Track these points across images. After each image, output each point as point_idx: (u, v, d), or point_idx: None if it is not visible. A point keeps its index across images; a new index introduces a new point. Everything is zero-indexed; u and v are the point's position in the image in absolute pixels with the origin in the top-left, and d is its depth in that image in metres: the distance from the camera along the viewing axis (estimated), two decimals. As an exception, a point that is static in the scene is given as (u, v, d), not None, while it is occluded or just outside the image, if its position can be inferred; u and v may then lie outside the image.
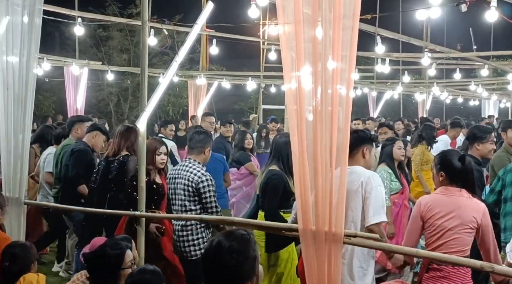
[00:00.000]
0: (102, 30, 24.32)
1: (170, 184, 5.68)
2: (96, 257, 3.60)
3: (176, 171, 5.68)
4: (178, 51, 5.63)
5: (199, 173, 5.50)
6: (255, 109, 24.66)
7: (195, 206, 5.47)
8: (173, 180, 5.66)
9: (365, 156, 4.57)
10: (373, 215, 4.24)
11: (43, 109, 23.65)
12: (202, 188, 5.43)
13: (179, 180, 5.57)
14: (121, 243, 3.69)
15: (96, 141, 6.91)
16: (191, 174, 5.51)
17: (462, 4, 6.67)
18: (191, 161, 5.66)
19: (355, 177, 4.33)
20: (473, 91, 19.09)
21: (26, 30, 5.32)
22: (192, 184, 5.46)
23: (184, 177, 5.54)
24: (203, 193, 5.43)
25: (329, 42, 3.50)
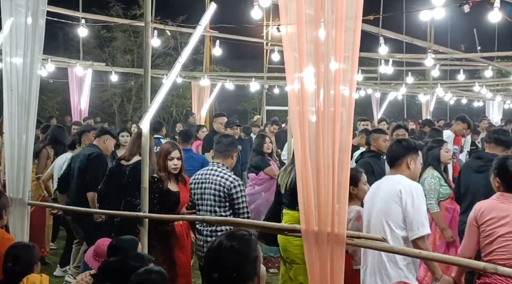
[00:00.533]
0: (106, 31, 24.34)
1: (196, 189, 5.47)
2: (117, 267, 3.55)
3: (202, 176, 5.48)
4: (181, 52, 5.64)
5: (231, 178, 5.35)
6: (258, 110, 24.65)
7: (225, 212, 5.31)
8: (200, 185, 5.45)
9: (410, 166, 4.47)
10: (418, 228, 4.18)
11: (47, 110, 23.68)
12: (235, 193, 5.28)
13: (208, 185, 5.38)
14: (144, 257, 3.64)
15: (107, 145, 6.83)
16: (223, 179, 5.33)
17: (465, 4, 6.66)
18: (219, 166, 5.47)
19: (394, 185, 4.32)
20: (477, 92, 19.02)
21: (29, 31, 5.34)
22: (224, 189, 5.28)
23: (214, 182, 5.35)
24: (235, 198, 5.28)
25: (332, 43, 3.50)
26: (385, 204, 4.31)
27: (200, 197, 5.41)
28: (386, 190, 4.38)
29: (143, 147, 5.21)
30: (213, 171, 5.43)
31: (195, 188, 5.46)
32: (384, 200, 4.34)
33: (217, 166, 5.46)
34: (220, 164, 5.48)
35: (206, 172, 5.47)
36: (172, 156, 5.44)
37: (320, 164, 3.54)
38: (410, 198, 4.21)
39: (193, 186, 5.49)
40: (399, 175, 4.42)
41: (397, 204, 4.24)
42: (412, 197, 4.22)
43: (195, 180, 5.50)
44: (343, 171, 3.54)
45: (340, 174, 3.53)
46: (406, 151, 4.50)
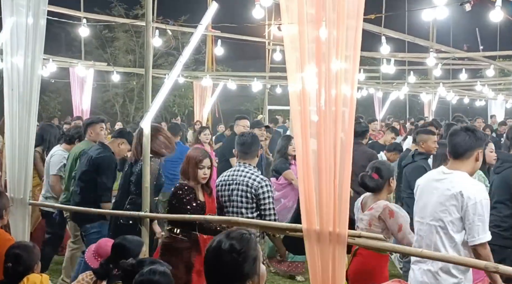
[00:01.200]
0: (108, 31, 24.41)
1: (223, 191, 5.28)
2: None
3: (229, 177, 5.29)
4: (182, 52, 5.64)
5: (258, 178, 5.17)
6: (260, 110, 24.67)
7: (252, 214, 5.12)
8: (227, 186, 5.26)
9: (478, 159, 4.12)
10: (478, 234, 3.89)
11: (49, 110, 23.76)
12: (262, 193, 5.09)
13: (235, 186, 5.19)
14: (159, 263, 3.55)
15: (120, 150, 6.43)
16: (250, 179, 5.15)
17: (466, 3, 6.64)
18: (246, 166, 5.29)
19: (454, 184, 3.98)
20: (479, 91, 19.01)
21: (30, 31, 5.34)
22: (251, 189, 5.11)
23: (242, 183, 5.17)
24: (262, 199, 5.09)
25: (333, 43, 3.49)
26: (442, 203, 4.00)
27: (228, 198, 5.23)
28: (445, 187, 4.02)
29: (144, 147, 5.21)
30: (240, 172, 5.25)
31: (223, 189, 5.28)
32: (441, 198, 4.02)
33: (243, 167, 5.28)
34: (247, 164, 5.30)
35: (233, 173, 5.30)
36: (203, 164, 5.09)
37: (322, 163, 3.54)
38: (473, 200, 3.89)
39: (220, 187, 5.31)
40: (460, 171, 4.05)
41: (456, 205, 3.93)
42: (475, 199, 3.89)
43: (222, 182, 5.32)
44: (344, 171, 3.53)
45: (341, 173, 3.53)
46: (479, 142, 4.09)
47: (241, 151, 5.37)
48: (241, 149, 5.37)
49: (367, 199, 5.02)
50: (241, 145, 5.38)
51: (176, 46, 13.88)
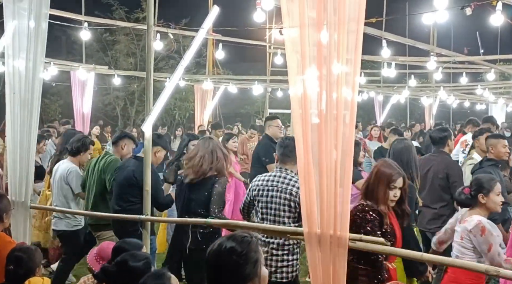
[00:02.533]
0: (109, 34, 24.40)
1: (261, 197, 4.90)
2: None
3: (268, 182, 4.91)
4: (184, 55, 5.65)
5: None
6: (261, 113, 24.66)
7: (294, 223, 4.76)
8: (265, 192, 4.90)
9: None
10: None
11: (50, 113, 23.74)
12: None
13: (275, 193, 4.84)
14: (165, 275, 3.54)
15: (157, 158, 6.08)
16: (294, 188, 4.76)
17: (467, 7, 6.65)
18: (287, 172, 4.92)
19: None
20: (479, 95, 19.00)
21: (32, 34, 5.36)
22: (294, 198, 4.73)
23: (284, 191, 4.81)
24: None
25: (334, 46, 3.51)
26: None
27: (266, 205, 4.87)
28: None
29: (145, 150, 5.21)
30: (281, 178, 4.88)
31: (260, 195, 4.91)
32: None
33: (285, 173, 4.91)
34: (289, 170, 4.92)
35: (272, 178, 4.92)
36: (395, 185, 4.36)
37: (323, 166, 3.55)
38: None
39: (257, 193, 4.96)
40: None
41: None
42: None
43: (259, 187, 4.96)
44: (345, 174, 3.54)
45: (342, 176, 3.53)
46: None
47: (282, 155, 4.99)
48: (283, 152, 4.98)
49: (464, 213, 4.81)
50: (282, 147, 5.00)
51: (177, 49, 13.88)
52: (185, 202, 5.38)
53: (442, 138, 6.62)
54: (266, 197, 4.87)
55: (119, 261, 3.53)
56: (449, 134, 6.68)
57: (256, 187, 4.98)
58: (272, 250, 4.76)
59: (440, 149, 6.60)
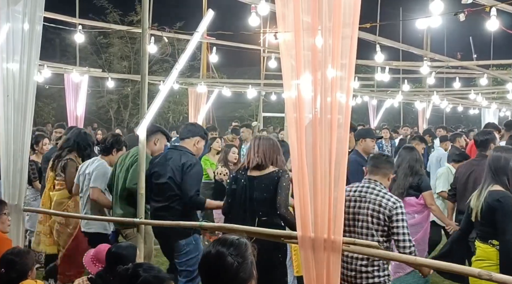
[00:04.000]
0: (103, 37, 24.41)
1: (347, 208, 4.56)
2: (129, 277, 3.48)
3: (356, 193, 4.65)
4: (178, 59, 5.65)
5: (393, 198, 4.51)
6: (255, 117, 24.70)
7: (382, 237, 4.48)
8: (353, 203, 4.62)
9: None
10: None
11: (43, 116, 23.70)
12: (395, 215, 4.40)
13: (364, 204, 4.56)
14: (154, 267, 3.53)
15: (198, 149, 5.82)
16: (383, 199, 4.50)
17: (460, 13, 6.68)
18: (376, 183, 4.67)
19: None
20: (473, 100, 19.10)
21: (26, 37, 5.35)
22: (385, 210, 4.45)
23: (373, 202, 4.53)
24: (395, 221, 4.41)
25: (329, 51, 3.52)
26: None
27: (353, 217, 4.59)
28: None
29: (140, 153, 5.21)
30: (370, 189, 4.63)
31: (346, 206, 4.51)
32: None
33: (374, 184, 4.67)
34: (378, 182, 4.68)
35: (360, 189, 4.66)
36: None
37: (317, 170, 3.55)
38: None
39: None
40: None
41: None
42: None
43: (345, 197, 4.46)
44: (339, 178, 3.54)
45: (336, 180, 3.54)
46: None
47: (372, 166, 4.79)
48: (373, 163, 4.81)
49: None
50: (375, 158, 4.88)
51: (171, 52, 13.86)
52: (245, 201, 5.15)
53: (484, 141, 6.42)
54: (353, 208, 4.59)
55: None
56: (491, 137, 6.46)
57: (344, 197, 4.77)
58: (361, 267, 4.49)
59: (482, 153, 6.35)
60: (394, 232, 4.41)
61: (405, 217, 4.44)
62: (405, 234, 4.38)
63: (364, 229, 4.50)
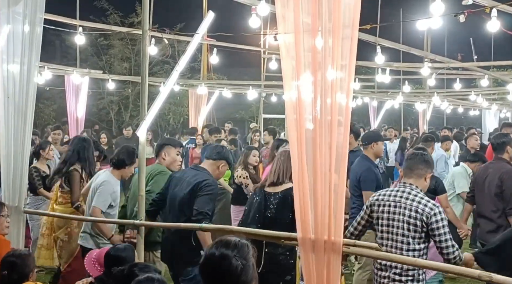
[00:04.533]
0: (103, 39, 24.39)
1: (381, 213, 4.44)
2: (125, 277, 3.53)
3: (390, 197, 4.45)
4: (178, 60, 5.65)
5: (430, 203, 4.31)
6: (255, 118, 24.69)
7: (419, 244, 4.30)
8: (386, 208, 4.43)
9: None
10: None
11: (43, 117, 23.68)
12: (435, 222, 4.21)
13: (398, 210, 4.35)
14: (150, 266, 3.63)
15: (219, 173, 5.53)
16: (420, 204, 4.29)
17: (460, 14, 6.68)
18: (412, 187, 4.44)
19: None
20: (473, 101, 19.10)
21: (27, 39, 5.34)
22: (422, 217, 4.25)
23: (408, 207, 4.32)
24: (436, 228, 4.21)
25: (329, 52, 3.52)
26: None
27: (387, 223, 4.40)
28: None
29: (140, 155, 5.21)
30: (405, 194, 4.40)
31: (380, 211, 4.44)
32: None
33: (409, 188, 4.43)
34: (414, 186, 4.45)
35: (395, 193, 4.45)
36: None
37: (317, 172, 3.55)
38: None
39: (377, 208, 4.48)
40: None
41: None
42: None
43: (379, 201, 4.49)
44: (339, 179, 3.54)
45: (337, 181, 3.54)
46: None
47: (406, 168, 4.58)
48: (407, 164, 4.60)
49: None
50: (409, 159, 4.64)
51: (171, 54, 13.89)
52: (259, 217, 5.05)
53: (500, 144, 6.38)
54: (388, 213, 4.40)
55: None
56: (508, 140, 6.41)
57: (376, 202, 4.51)
58: (395, 276, 4.34)
59: (498, 156, 6.34)
60: (436, 240, 4.23)
61: (445, 223, 4.25)
62: (447, 240, 4.21)
63: (399, 236, 4.33)
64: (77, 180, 6.58)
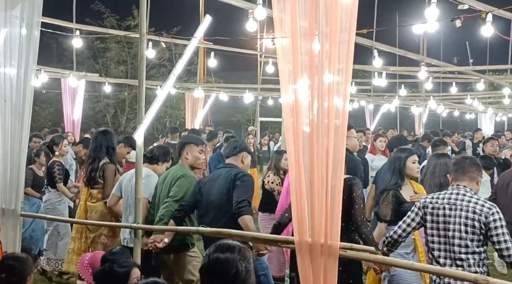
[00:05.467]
0: (100, 42, 24.37)
1: (436, 216, 4.31)
2: (105, 275, 3.61)
3: (444, 200, 4.31)
4: (175, 64, 5.66)
5: (487, 203, 4.21)
6: (252, 121, 24.70)
7: (478, 248, 4.16)
8: (441, 210, 4.30)
9: None
10: None
11: (40, 120, 23.63)
12: (493, 221, 4.09)
13: (455, 212, 4.23)
14: (129, 261, 3.72)
15: (245, 165, 5.56)
16: (478, 205, 4.18)
17: (456, 19, 6.71)
18: (466, 189, 4.33)
19: None
20: (469, 104, 19.16)
21: (24, 42, 5.34)
22: (481, 217, 4.12)
23: (465, 208, 4.19)
24: (493, 228, 4.09)
25: (326, 56, 3.54)
26: None
27: (443, 227, 4.28)
28: None
29: (137, 158, 5.21)
30: (460, 196, 4.29)
31: (436, 214, 4.31)
32: None
33: (464, 190, 4.32)
34: (468, 188, 4.34)
35: (449, 196, 4.33)
36: None
37: (314, 175, 3.56)
38: None
39: (430, 210, 4.34)
40: None
41: None
42: None
43: (433, 204, 4.36)
44: (336, 183, 3.55)
45: (333, 185, 3.55)
46: None
47: (456, 172, 4.46)
48: (456, 170, 4.48)
49: None
50: (456, 165, 4.52)
51: (168, 57, 13.89)
52: None
53: None
54: (443, 216, 4.28)
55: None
56: None
57: (429, 205, 4.37)
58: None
59: None
60: (495, 240, 4.09)
61: (504, 223, 4.12)
62: (507, 241, 4.06)
63: (456, 240, 4.19)
64: (112, 174, 6.52)
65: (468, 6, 6.67)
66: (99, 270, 3.72)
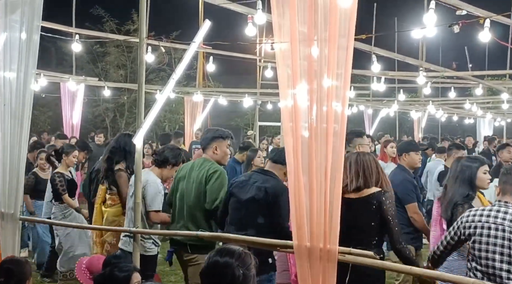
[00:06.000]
0: (99, 46, 24.38)
1: (479, 236, 4.07)
2: (105, 279, 3.61)
3: (487, 218, 4.06)
4: (175, 68, 5.66)
5: None
6: (251, 125, 24.71)
7: None
8: (486, 230, 4.04)
9: None
10: None
11: (39, 124, 23.63)
12: None
13: (495, 232, 4.00)
14: (129, 266, 3.72)
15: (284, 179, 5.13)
16: None
17: (455, 25, 6.74)
18: (508, 205, 4.09)
19: None
20: (468, 109, 19.19)
21: (24, 46, 5.35)
22: None
23: (504, 228, 3.98)
24: None
25: (325, 60, 3.55)
26: None
27: (486, 248, 4.04)
28: None
29: (137, 162, 5.22)
30: (501, 214, 4.04)
31: (478, 234, 4.06)
32: None
33: (504, 207, 4.08)
34: (509, 203, 4.10)
35: (494, 214, 4.06)
36: None
37: (313, 180, 3.57)
38: None
39: (473, 230, 4.10)
40: None
41: None
42: None
43: (476, 223, 4.10)
44: (335, 187, 3.56)
45: (332, 190, 3.56)
46: None
47: (503, 184, 4.21)
48: (504, 181, 4.22)
49: None
50: (504, 176, 4.25)
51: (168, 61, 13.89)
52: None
53: None
54: (487, 237, 4.02)
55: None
56: None
57: (472, 224, 4.12)
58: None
59: None
60: None
61: None
62: None
63: (505, 264, 3.94)
64: (126, 182, 6.19)
65: (466, 11, 6.69)
66: (99, 274, 3.72)
